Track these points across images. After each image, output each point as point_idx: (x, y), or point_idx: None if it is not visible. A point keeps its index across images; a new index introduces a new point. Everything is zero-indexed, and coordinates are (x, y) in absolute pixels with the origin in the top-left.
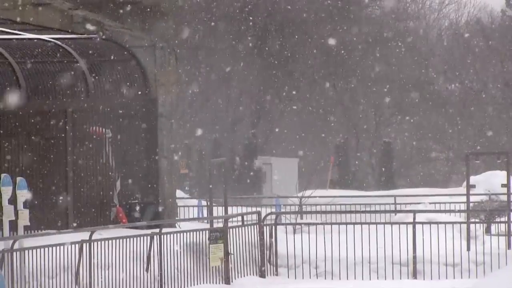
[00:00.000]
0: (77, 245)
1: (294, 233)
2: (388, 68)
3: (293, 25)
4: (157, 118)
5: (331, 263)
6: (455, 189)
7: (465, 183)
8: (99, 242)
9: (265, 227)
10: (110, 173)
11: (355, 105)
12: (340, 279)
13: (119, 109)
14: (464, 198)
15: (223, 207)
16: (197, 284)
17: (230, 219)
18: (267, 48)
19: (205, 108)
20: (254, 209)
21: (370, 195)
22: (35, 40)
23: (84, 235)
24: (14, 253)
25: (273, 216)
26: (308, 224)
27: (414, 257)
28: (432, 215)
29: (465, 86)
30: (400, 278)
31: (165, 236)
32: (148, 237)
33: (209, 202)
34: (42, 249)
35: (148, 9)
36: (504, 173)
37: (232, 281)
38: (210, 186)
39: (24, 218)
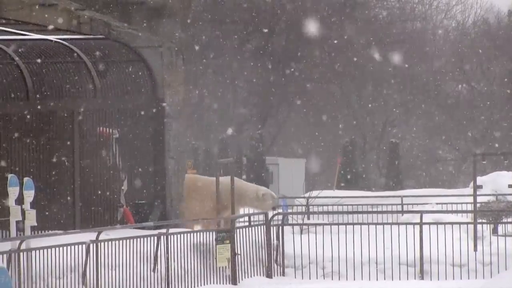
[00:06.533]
0: (84, 246)
1: (301, 233)
2: (395, 69)
3: (300, 26)
4: (164, 118)
5: (338, 264)
6: (462, 190)
7: (472, 184)
8: (106, 243)
9: (272, 228)
10: (117, 174)
11: (362, 105)
12: (347, 279)
13: (126, 110)
14: (471, 199)
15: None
16: (204, 284)
17: (237, 220)
18: (274, 49)
19: (212, 109)
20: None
21: (377, 196)
22: (42, 41)
23: (91, 235)
24: (21, 254)
25: (280, 217)
26: (315, 224)
27: (421, 258)
28: (439, 216)
29: (472, 87)
30: (407, 279)
31: (172, 236)
32: (155, 238)
33: (217, 202)
34: (49, 250)
35: (155, 10)
36: (511, 173)
37: (239, 282)
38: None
39: (31, 218)
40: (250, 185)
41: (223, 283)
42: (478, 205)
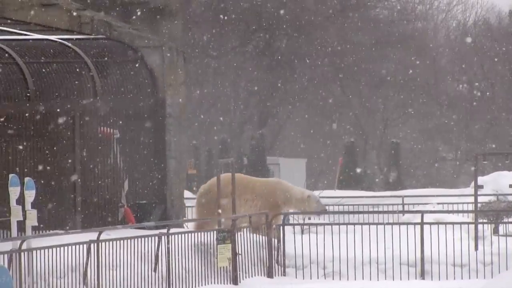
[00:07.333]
0: (85, 246)
1: (302, 233)
2: (396, 69)
3: (301, 26)
4: (165, 118)
5: (339, 264)
6: (463, 190)
7: (473, 184)
8: (107, 243)
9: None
10: (118, 174)
11: (363, 105)
12: (347, 279)
13: (127, 110)
14: (472, 199)
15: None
16: (205, 284)
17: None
18: (275, 49)
19: (213, 109)
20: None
21: (378, 196)
22: (43, 41)
23: (92, 235)
24: (22, 254)
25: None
26: (316, 224)
27: (422, 258)
28: (440, 216)
29: (473, 87)
30: (408, 279)
31: (173, 236)
32: (156, 238)
33: (217, 202)
34: (50, 250)
35: (156, 10)
36: None
37: (239, 282)
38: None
39: (32, 218)
40: (296, 187)
41: (224, 283)
42: (479, 205)
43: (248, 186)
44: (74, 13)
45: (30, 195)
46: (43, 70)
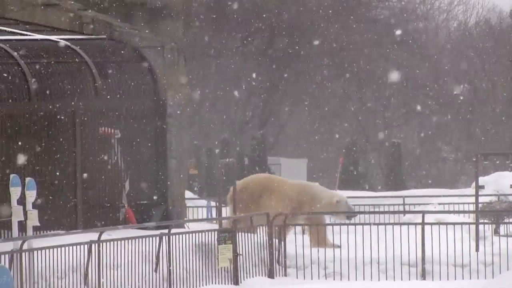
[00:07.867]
0: (86, 246)
1: (303, 233)
2: (397, 69)
3: (302, 26)
4: (166, 118)
5: (340, 264)
6: (464, 190)
7: (474, 184)
8: (108, 243)
9: (274, 228)
10: (119, 174)
11: (364, 105)
12: (348, 279)
13: (128, 110)
14: (473, 199)
15: (232, 208)
16: (206, 284)
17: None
18: (275, 49)
19: (214, 109)
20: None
21: (379, 196)
22: (44, 41)
23: (93, 235)
24: (23, 254)
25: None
26: (317, 224)
27: (423, 258)
28: (441, 216)
29: (474, 87)
30: (409, 279)
31: (174, 236)
32: (157, 238)
33: (218, 203)
34: (51, 250)
35: (157, 10)
36: None
37: (241, 282)
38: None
39: (33, 218)
40: (327, 191)
41: (225, 284)
42: (480, 205)
43: (280, 187)
44: (75, 14)
45: (31, 195)
46: (44, 70)
